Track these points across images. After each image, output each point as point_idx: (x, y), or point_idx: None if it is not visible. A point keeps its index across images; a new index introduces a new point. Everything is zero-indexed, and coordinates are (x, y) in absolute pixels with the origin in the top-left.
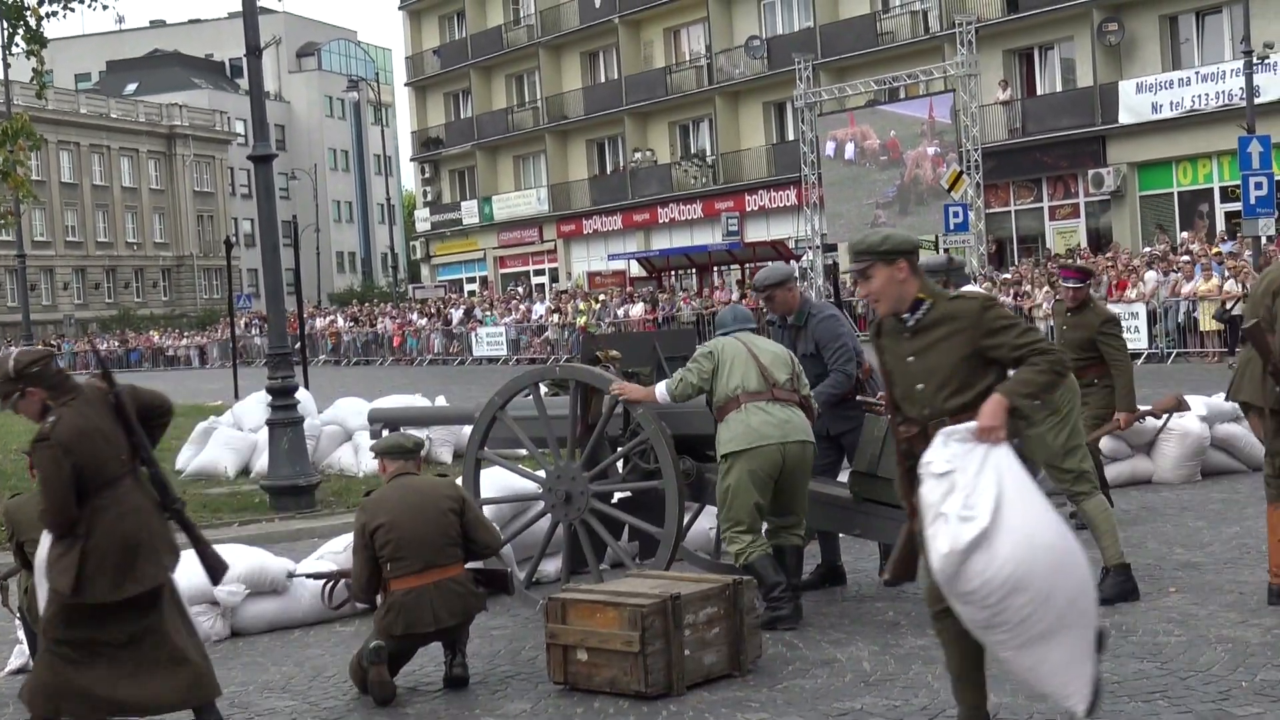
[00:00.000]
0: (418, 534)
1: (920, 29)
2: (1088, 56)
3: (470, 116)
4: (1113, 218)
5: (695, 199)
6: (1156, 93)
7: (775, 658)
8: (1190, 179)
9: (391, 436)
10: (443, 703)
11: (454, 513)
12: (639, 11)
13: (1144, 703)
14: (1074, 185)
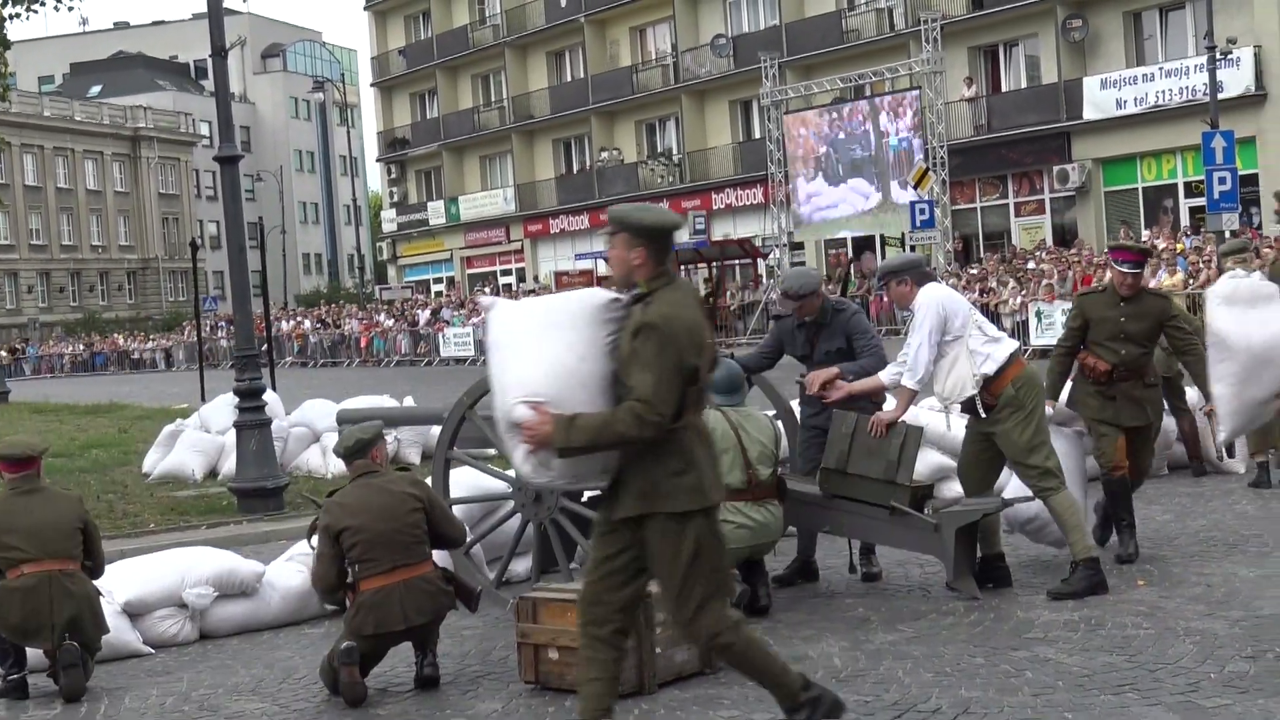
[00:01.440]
0: (385, 535)
1: (885, 26)
2: (1052, 53)
3: (436, 117)
4: (1078, 214)
5: (662, 198)
6: (1121, 89)
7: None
8: (1155, 175)
9: (350, 433)
10: (414, 703)
11: (419, 510)
12: (604, 11)
13: (1113, 695)
14: (1039, 182)
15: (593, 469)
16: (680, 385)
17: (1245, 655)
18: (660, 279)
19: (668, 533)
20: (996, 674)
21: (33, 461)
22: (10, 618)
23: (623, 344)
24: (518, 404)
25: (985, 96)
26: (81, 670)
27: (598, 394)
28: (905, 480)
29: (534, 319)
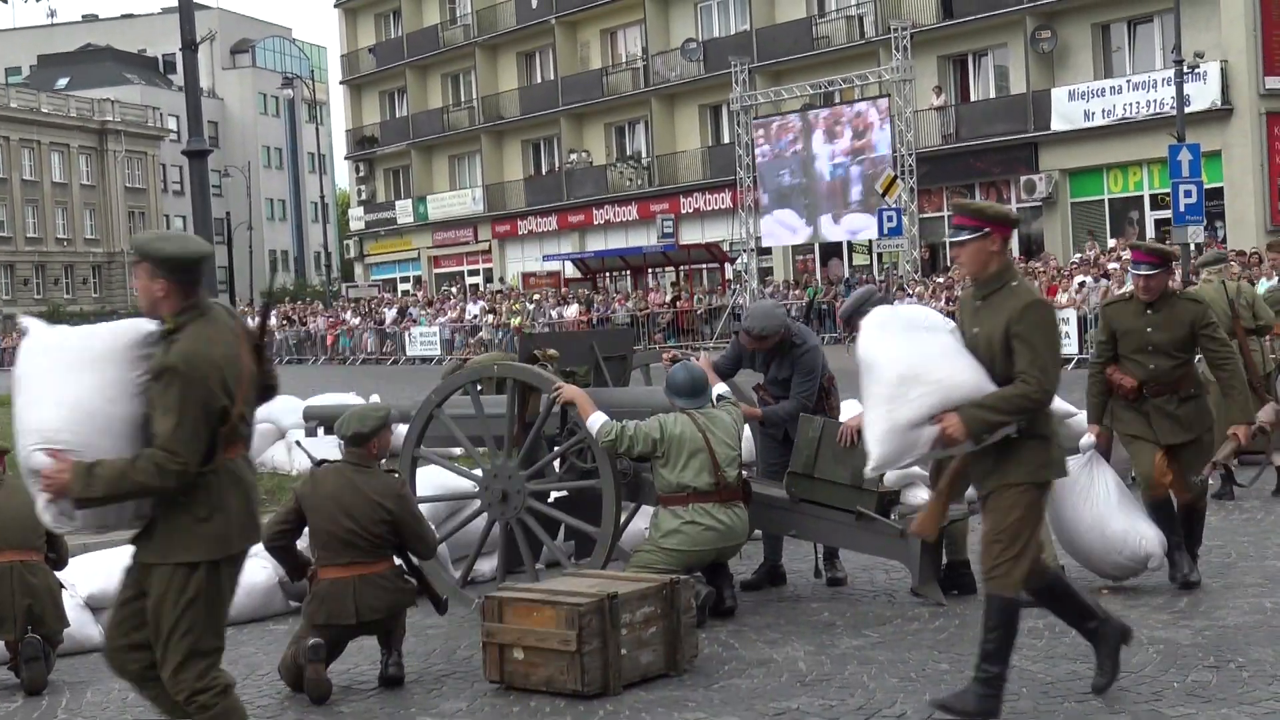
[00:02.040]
0: (344, 533)
1: (856, 34)
2: (1021, 63)
3: (405, 115)
4: (1044, 224)
5: (630, 201)
6: (1088, 100)
7: (712, 657)
8: (1121, 186)
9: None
10: (378, 701)
11: (386, 520)
12: (576, 12)
13: (1077, 703)
14: (1006, 191)
15: (122, 517)
16: (208, 428)
17: (1208, 665)
18: (187, 313)
19: (173, 579)
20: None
21: None
22: None
23: None
24: (36, 450)
25: (954, 105)
26: (43, 663)
27: (123, 438)
28: (873, 486)
29: (64, 355)
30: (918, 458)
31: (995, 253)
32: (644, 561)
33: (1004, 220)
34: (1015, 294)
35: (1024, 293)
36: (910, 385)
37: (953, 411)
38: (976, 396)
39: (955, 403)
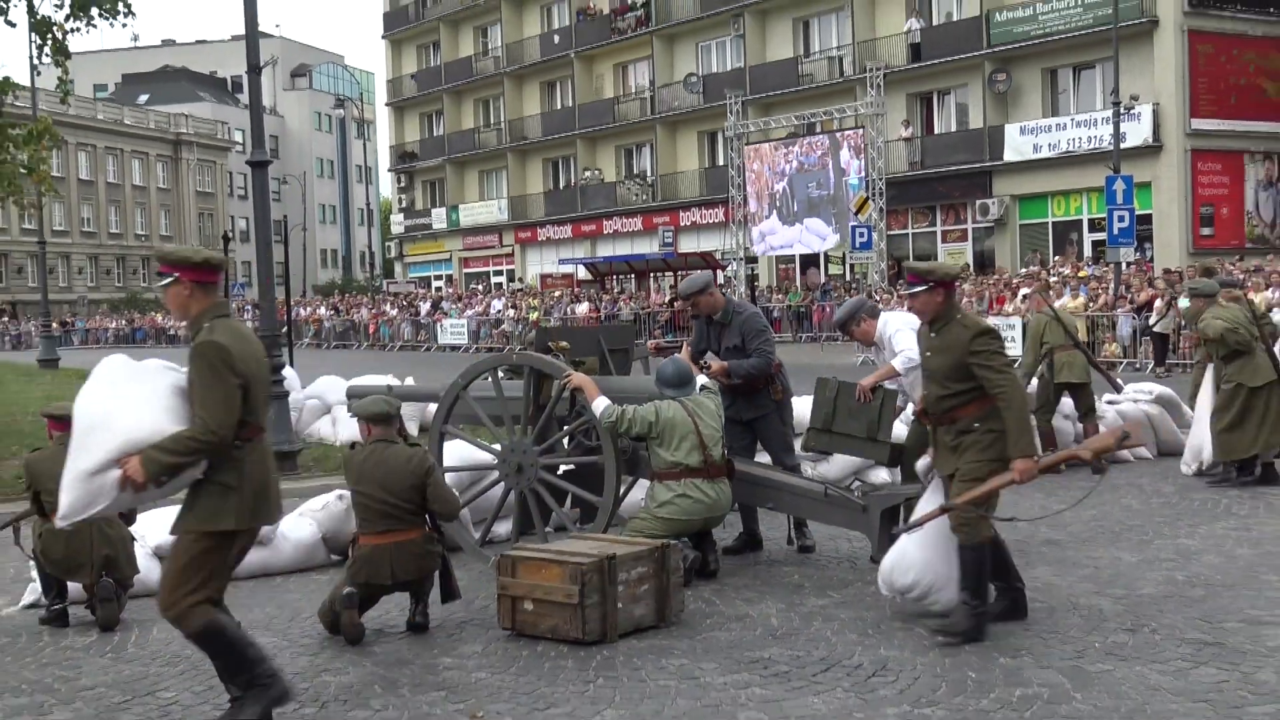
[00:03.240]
0: (381, 504)
1: (836, 72)
2: (979, 102)
3: (442, 134)
4: (996, 242)
5: (636, 213)
6: (1037, 135)
7: (696, 612)
8: (1063, 211)
9: (373, 402)
10: (405, 645)
11: (416, 487)
12: (592, 48)
13: (1011, 658)
14: (964, 213)
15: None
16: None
17: (1126, 628)
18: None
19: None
20: (911, 637)
21: None
22: (54, 555)
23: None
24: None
25: (919, 137)
26: (115, 604)
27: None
28: (885, 437)
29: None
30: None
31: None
32: (639, 528)
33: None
34: (966, 325)
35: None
36: (92, 434)
37: (135, 455)
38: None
39: (137, 446)
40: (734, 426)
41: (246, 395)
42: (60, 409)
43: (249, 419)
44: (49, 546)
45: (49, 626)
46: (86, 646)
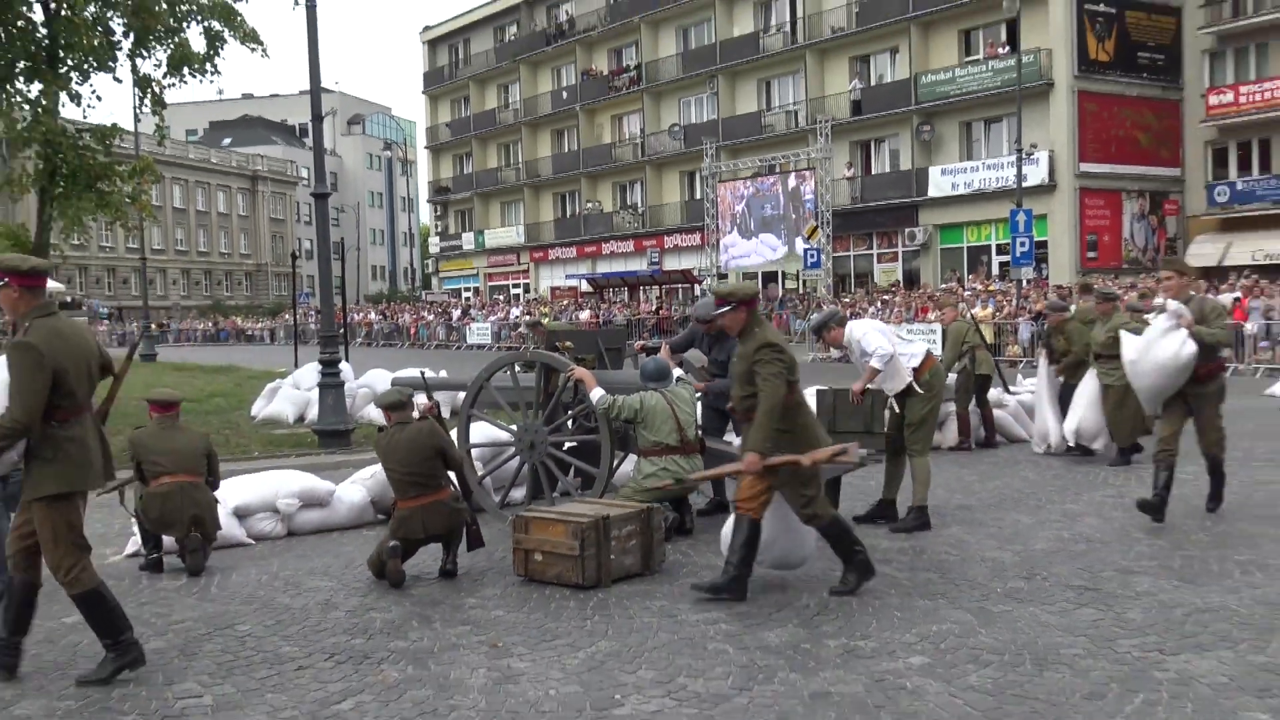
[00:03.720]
0: (407, 475)
1: (792, 124)
2: (908, 148)
3: (470, 172)
4: (921, 263)
5: (628, 238)
6: (955, 176)
7: (674, 563)
8: (976, 238)
9: (390, 393)
10: (438, 587)
11: (437, 453)
12: (593, 103)
13: (928, 600)
14: (895, 239)
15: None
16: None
17: (1022, 577)
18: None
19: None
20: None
21: (174, 406)
22: (151, 514)
23: None
24: None
25: (860, 177)
26: (202, 554)
27: None
28: (880, 429)
29: None
30: None
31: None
32: (628, 494)
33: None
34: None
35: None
36: None
37: None
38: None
39: None
40: (710, 412)
41: (62, 383)
42: (158, 395)
43: (64, 403)
44: (148, 507)
45: (146, 572)
46: (177, 589)
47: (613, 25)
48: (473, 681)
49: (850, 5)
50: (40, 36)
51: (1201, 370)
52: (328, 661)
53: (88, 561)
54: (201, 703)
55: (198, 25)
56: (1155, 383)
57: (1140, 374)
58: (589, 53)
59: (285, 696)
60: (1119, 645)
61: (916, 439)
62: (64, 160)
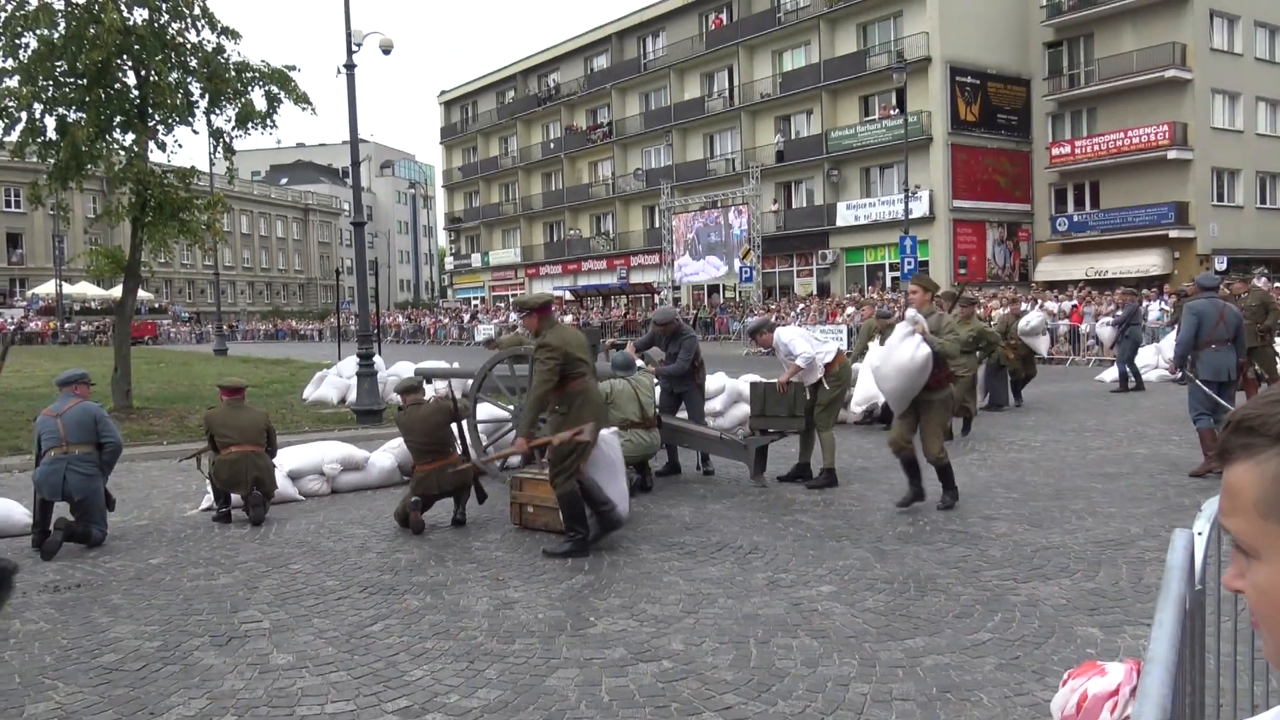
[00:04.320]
0: (422, 444)
1: (730, 168)
2: (820, 188)
3: (478, 206)
4: (831, 278)
5: (602, 258)
6: (857, 210)
7: (637, 514)
8: (874, 258)
9: (403, 381)
10: (449, 534)
11: (449, 418)
12: (574, 152)
13: (835, 542)
14: (811, 259)
15: None
16: None
17: (908, 523)
18: None
19: None
20: (774, 528)
21: (241, 390)
22: (221, 476)
23: None
24: None
25: (783, 210)
26: (263, 508)
27: None
28: (801, 413)
29: None
30: None
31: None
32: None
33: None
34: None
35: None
36: None
37: None
38: None
39: None
40: (668, 396)
41: None
42: (228, 381)
43: None
44: (218, 470)
45: (218, 523)
46: (242, 536)
47: (590, 91)
48: (478, 608)
49: (775, 76)
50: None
51: (932, 379)
52: (362, 593)
53: None
54: (261, 626)
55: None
56: (897, 385)
57: (884, 377)
58: (571, 112)
59: (328, 621)
60: (983, 575)
61: (824, 417)
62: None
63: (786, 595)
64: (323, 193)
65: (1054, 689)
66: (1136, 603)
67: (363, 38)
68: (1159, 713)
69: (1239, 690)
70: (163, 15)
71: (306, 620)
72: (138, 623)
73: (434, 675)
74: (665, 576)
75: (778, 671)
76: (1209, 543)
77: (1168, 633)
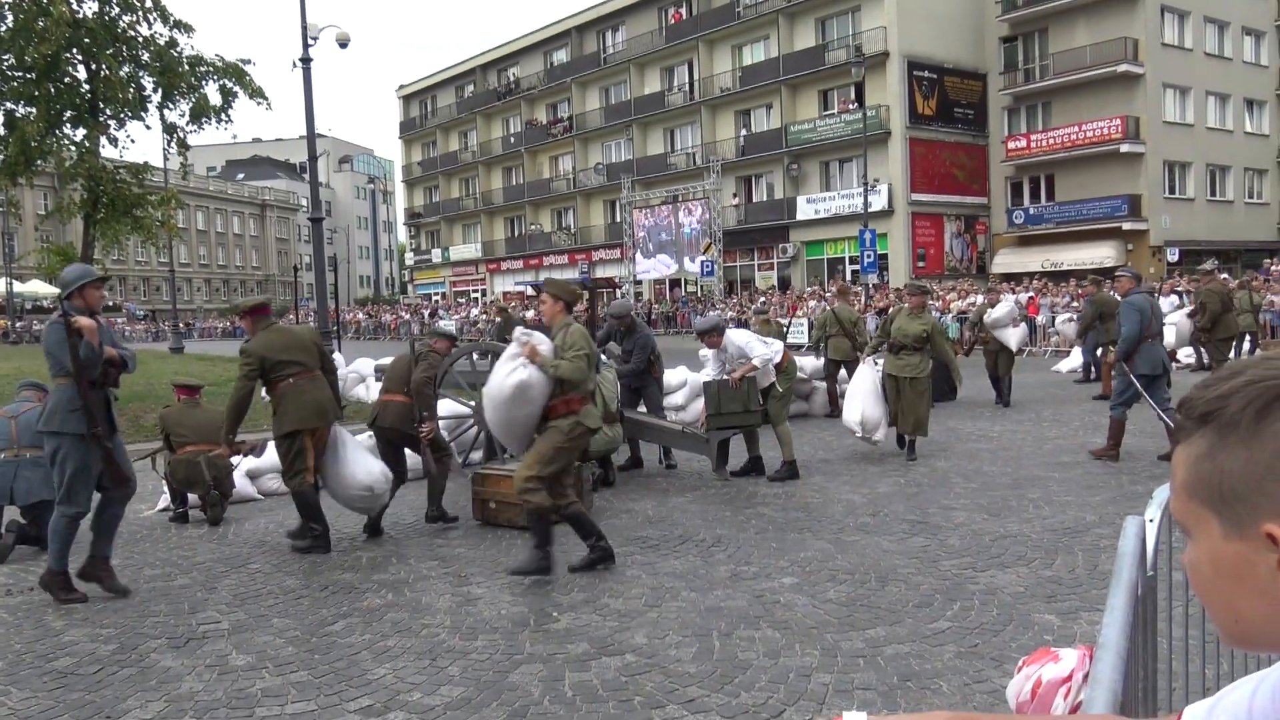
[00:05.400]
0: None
1: (691, 163)
2: (780, 181)
3: (438, 201)
4: (792, 271)
5: (564, 252)
6: (817, 204)
7: (600, 508)
8: (834, 251)
9: None
10: (411, 531)
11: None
12: (535, 146)
13: (797, 534)
14: (771, 253)
15: None
16: None
17: (869, 513)
18: None
19: None
20: (736, 521)
21: (197, 389)
22: (178, 476)
23: None
24: None
25: (744, 204)
26: (220, 508)
27: None
28: (755, 408)
29: None
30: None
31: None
32: None
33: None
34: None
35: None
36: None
37: None
38: None
39: None
40: (628, 392)
41: None
42: (183, 380)
43: None
44: (174, 471)
45: (175, 524)
46: (199, 536)
47: (550, 85)
48: (440, 605)
49: (735, 71)
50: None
51: (548, 406)
52: (323, 592)
53: None
54: (220, 626)
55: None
56: (492, 415)
57: (485, 407)
58: (531, 107)
59: (288, 620)
60: (942, 565)
61: (778, 410)
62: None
63: (749, 587)
64: (280, 188)
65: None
66: (1092, 589)
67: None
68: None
69: (1191, 674)
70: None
71: (266, 620)
72: (93, 626)
73: (396, 673)
74: (628, 570)
75: (741, 663)
76: (1160, 529)
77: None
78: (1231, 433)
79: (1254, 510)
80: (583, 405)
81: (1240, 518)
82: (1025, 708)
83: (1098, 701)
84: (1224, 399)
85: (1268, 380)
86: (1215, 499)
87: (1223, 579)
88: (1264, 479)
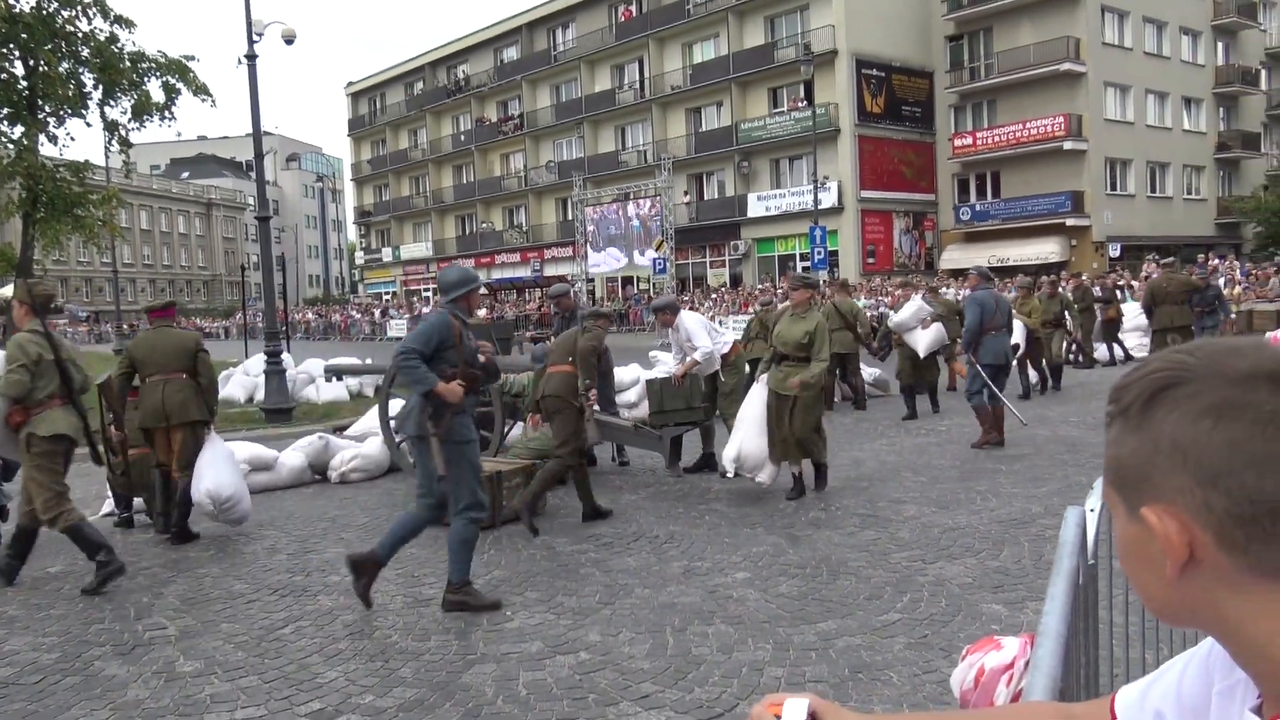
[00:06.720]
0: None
1: (642, 160)
2: (731, 179)
3: (388, 199)
4: (743, 268)
5: (516, 250)
6: (767, 201)
7: (553, 506)
8: (785, 248)
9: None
10: (361, 533)
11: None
12: (486, 144)
13: (749, 529)
14: (723, 250)
15: None
16: None
17: (819, 508)
18: None
19: None
20: (689, 517)
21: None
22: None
23: None
24: None
25: (695, 202)
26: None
27: None
28: (698, 404)
29: None
30: None
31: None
32: (517, 454)
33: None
34: None
35: None
36: None
37: None
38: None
39: None
40: None
41: None
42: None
43: None
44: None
45: (119, 529)
46: (145, 541)
47: (500, 83)
48: (392, 606)
49: (685, 69)
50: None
51: None
52: (273, 595)
53: None
54: (167, 632)
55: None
56: None
57: None
58: (481, 104)
59: (238, 625)
60: (892, 557)
61: (728, 406)
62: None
63: (702, 583)
64: (226, 187)
65: None
66: (1038, 579)
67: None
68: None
69: (1131, 659)
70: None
71: (214, 625)
72: (35, 634)
73: (348, 676)
74: (582, 569)
75: (694, 659)
76: (1100, 518)
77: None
78: (1127, 421)
79: (1140, 494)
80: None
81: (1133, 501)
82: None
83: (1036, 687)
84: (1125, 389)
85: (1161, 372)
86: (1118, 484)
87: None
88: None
